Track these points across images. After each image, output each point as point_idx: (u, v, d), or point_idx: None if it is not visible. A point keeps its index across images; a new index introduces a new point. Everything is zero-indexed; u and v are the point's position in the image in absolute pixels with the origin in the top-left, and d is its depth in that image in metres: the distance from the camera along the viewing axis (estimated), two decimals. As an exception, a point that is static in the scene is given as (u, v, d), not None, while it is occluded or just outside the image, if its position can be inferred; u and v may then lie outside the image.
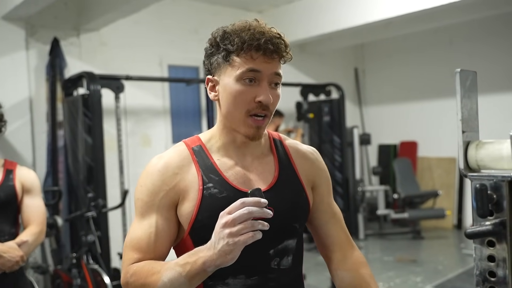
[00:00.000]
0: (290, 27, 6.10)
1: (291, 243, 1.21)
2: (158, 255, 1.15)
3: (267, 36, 1.14)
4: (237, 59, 1.14)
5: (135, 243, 1.16)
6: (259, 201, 1.01)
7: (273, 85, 1.17)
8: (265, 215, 1.00)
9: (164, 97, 5.50)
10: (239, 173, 1.19)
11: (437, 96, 6.78)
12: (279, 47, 1.15)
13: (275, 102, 1.17)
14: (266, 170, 1.23)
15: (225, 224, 0.99)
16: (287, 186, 1.22)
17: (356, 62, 7.70)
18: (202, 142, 1.23)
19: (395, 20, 5.52)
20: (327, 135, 6.16)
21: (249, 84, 1.14)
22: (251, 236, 0.99)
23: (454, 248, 5.84)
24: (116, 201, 4.56)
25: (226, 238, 0.99)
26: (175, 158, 1.20)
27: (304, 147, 1.34)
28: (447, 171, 6.72)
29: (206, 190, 1.15)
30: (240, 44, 1.12)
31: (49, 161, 4.52)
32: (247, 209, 0.99)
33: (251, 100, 1.14)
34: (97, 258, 3.68)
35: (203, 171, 1.18)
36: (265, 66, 1.13)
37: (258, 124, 1.16)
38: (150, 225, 1.16)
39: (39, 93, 4.62)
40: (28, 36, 4.57)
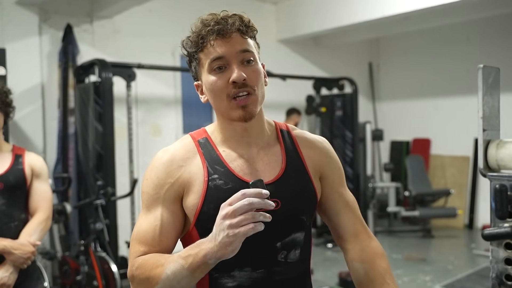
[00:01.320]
0: (305, 19, 6.05)
1: (299, 236, 1.20)
2: (164, 248, 1.16)
3: (217, 18, 1.14)
4: (202, 55, 1.16)
5: (141, 237, 1.17)
6: (261, 192, 0.99)
7: (245, 63, 1.15)
8: (267, 207, 0.99)
9: (175, 86, 5.50)
10: (244, 164, 1.19)
11: (452, 93, 6.70)
12: (233, 23, 1.14)
13: (253, 77, 1.15)
14: (272, 161, 1.22)
15: (226, 215, 0.99)
16: (294, 177, 1.21)
17: (371, 57, 7.63)
18: (208, 134, 1.24)
19: (412, 15, 5.45)
20: (339, 130, 6.12)
21: (220, 71, 1.14)
22: (251, 228, 0.98)
23: (464, 248, 5.79)
24: (125, 189, 4.58)
25: (226, 230, 0.98)
26: (180, 151, 1.20)
27: (312, 136, 1.32)
28: (460, 170, 6.66)
29: (211, 181, 1.15)
30: (197, 40, 1.15)
31: (59, 148, 4.55)
32: (248, 200, 0.98)
33: (226, 84, 1.14)
34: (105, 246, 3.71)
35: (208, 163, 1.18)
36: (226, 49, 1.13)
37: (241, 103, 1.14)
38: (156, 218, 1.17)
39: (51, 79, 4.64)
40: (42, 22, 4.58)
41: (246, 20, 1.17)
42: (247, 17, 1.18)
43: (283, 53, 6.43)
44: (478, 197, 6.49)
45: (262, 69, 1.19)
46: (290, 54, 6.54)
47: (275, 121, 1.31)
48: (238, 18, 1.16)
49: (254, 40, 1.21)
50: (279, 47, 6.43)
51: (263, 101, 1.20)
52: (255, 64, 1.17)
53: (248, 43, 1.17)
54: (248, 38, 1.17)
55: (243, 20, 1.16)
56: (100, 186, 3.80)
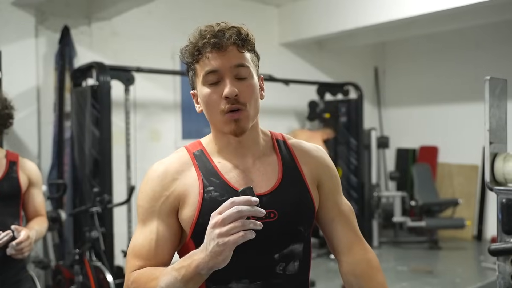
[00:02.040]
0: (309, 23, 6.07)
1: (297, 247, 1.21)
2: (160, 261, 1.18)
3: (214, 30, 1.16)
4: (198, 66, 1.20)
5: (137, 250, 1.19)
6: (250, 199, 1.01)
7: (240, 78, 1.17)
8: (257, 214, 1.01)
9: (175, 91, 5.52)
10: (240, 175, 1.21)
11: (460, 100, 6.71)
12: (229, 36, 1.15)
13: (246, 93, 1.17)
14: (269, 171, 1.23)
15: (215, 224, 1.01)
16: (291, 187, 1.23)
17: (377, 62, 7.65)
18: (203, 146, 1.27)
19: (419, 19, 5.46)
20: (343, 137, 6.13)
21: (214, 85, 1.17)
22: (241, 236, 0.99)
23: (473, 261, 5.78)
24: (122, 197, 4.59)
25: (216, 239, 1.00)
26: (175, 163, 1.23)
27: (308, 145, 1.34)
28: (469, 179, 6.65)
29: (206, 193, 1.17)
30: (193, 51, 1.18)
31: (54, 153, 4.56)
32: (237, 208, 1.00)
33: (219, 98, 1.17)
34: (100, 255, 3.71)
35: (203, 175, 1.20)
36: (220, 63, 1.15)
37: (233, 117, 1.16)
38: (151, 231, 1.19)
39: (47, 83, 4.66)
40: (38, 23, 4.61)
41: (244, 33, 1.18)
42: (246, 30, 1.19)
43: (286, 57, 6.45)
44: (487, 207, 6.48)
45: (257, 84, 1.21)
46: (293, 58, 6.56)
47: (271, 131, 1.33)
48: (236, 31, 1.17)
49: (253, 52, 1.22)
50: (282, 51, 6.45)
51: (256, 116, 1.22)
52: (249, 79, 1.19)
53: (244, 57, 1.19)
54: (244, 52, 1.19)
55: (241, 33, 1.18)
56: (96, 193, 3.81)
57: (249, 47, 1.20)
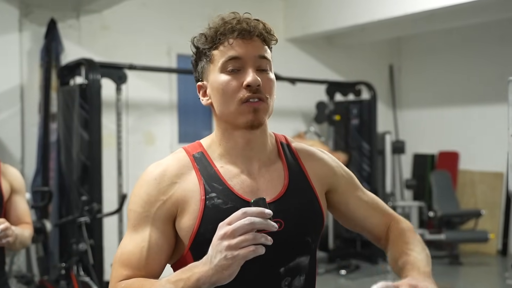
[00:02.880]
0: (317, 16, 6.08)
1: (303, 260, 1.22)
2: (149, 272, 1.17)
3: (240, 18, 1.20)
4: (216, 52, 1.20)
5: (125, 259, 1.18)
6: (263, 211, 1.01)
7: (261, 70, 1.20)
8: (269, 228, 1.01)
9: (171, 90, 5.53)
10: (245, 182, 1.21)
11: (484, 101, 6.69)
12: (256, 26, 1.20)
13: (267, 86, 1.20)
14: (274, 178, 1.24)
15: (224, 235, 1.00)
16: (298, 195, 1.23)
17: (392, 59, 7.64)
18: (204, 149, 1.26)
19: (438, 12, 5.46)
20: (355, 141, 6.12)
21: (234, 73, 1.19)
22: (252, 251, 0.99)
23: (496, 277, 5.76)
24: (113, 206, 4.59)
25: (224, 251, 1.00)
26: (174, 165, 1.22)
27: (311, 148, 1.37)
28: (492, 187, 6.63)
29: (208, 200, 1.16)
30: (215, 36, 1.20)
31: (39, 158, 4.56)
32: (249, 220, 1.00)
33: (239, 86, 1.18)
34: (88, 269, 3.71)
35: (205, 180, 1.19)
36: (245, 50, 1.18)
37: (253, 106, 1.17)
38: (143, 239, 1.17)
39: (31, 81, 4.67)
40: (22, 17, 4.63)
41: (268, 27, 1.23)
42: (270, 26, 1.24)
43: (292, 54, 6.46)
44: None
45: (275, 82, 1.24)
46: (300, 55, 6.56)
47: (274, 133, 1.34)
48: (262, 23, 1.22)
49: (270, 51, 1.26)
50: (288, 46, 6.46)
51: (271, 114, 1.24)
52: (270, 73, 1.22)
53: (267, 51, 1.23)
54: (267, 46, 1.23)
55: (266, 27, 1.22)
56: (84, 202, 3.81)
57: (271, 42, 1.24)
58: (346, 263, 5.60)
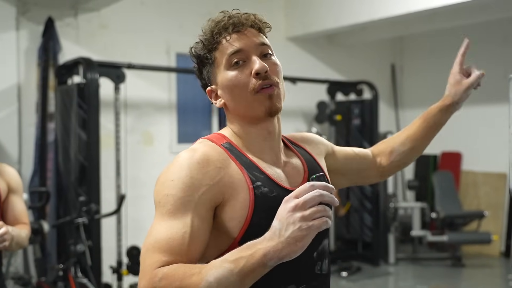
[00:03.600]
0: (318, 15, 6.08)
1: (326, 243, 1.28)
2: (191, 259, 1.09)
3: (230, 14, 1.24)
4: (217, 54, 1.23)
5: (164, 244, 1.08)
6: (328, 185, 1.03)
7: (264, 56, 1.23)
8: (334, 202, 1.03)
9: (170, 90, 5.53)
10: (277, 171, 1.24)
11: (487, 100, 6.69)
12: (248, 18, 1.24)
13: (275, 70, 1.23)
14: (296, 165, 1.30)
15: (295, 207, 1.00)
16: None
17: (394, 58, 7.65)
18: (229, 139, 1.24)
19: (441, 11, 5.46)
20: (356, 141, 6.12)
21: (239, 66, 1.21)
22: (325, 221, 1.00)
23: (500, 279, 5.75)
24: (111, 206, 4.59)
25: (298, 223, 0.99)
26: (212, 152, 1.18)
27: (303, 134, 1.47)
28: (496, 188, 6.63)
29: (256, 189, 1.16)
30: (211, 37, 1.23)
31: (36, 158, 4.57)
32: (319, 191, 1.01)
33: (248, 76, 1.20)
34: (86, 271, 3.71)
35: (246, 169, 1.18)
36: (244, 41, 1.22)
37: (268, 92, 1.20)
38: (185, 224, 1.10)
39: (29, 80, 4.67)
40: (19, 15, 4.63)
41: (259, 17, 1.27)
42: (260, 15, 1.28)
43: (292, 53, 6.46)
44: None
45: (278, 61, 1.27)
46: (301, 54, 6.57)
47: None
48: (252, 14, 1.26)
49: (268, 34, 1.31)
50: (289, 45, 6.46)
51: (284, 99, 1.27)
52: (273, 58, 1.25)
53: (265, 38, 1.27)
54: (264, 34, 1.27)
55: (257, 17, 1.26)
56: (82, 203, 3.81)
57: (266, 29, 1.28)
58: (347, 265, 5.60)
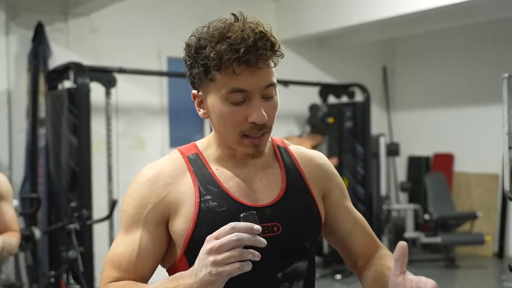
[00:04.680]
0: (309, 18, 6.09)
1: (301, 265, 1.22)
2: (139, 275, 1.18)
3: (248, 44, 1.09)
4: (218, 76, 1.12)
5: (116, 260, 1.19)
6: (252, 227, 1.01)
7: (267, 98, 1.16)
8: (257, 244, 1.01)
9: (162, 94, 5.52)
10: (241, 185, 1.21)
11: (479, 102, 6.73)
12: (263, 53, 1.11)
13: (271, 114, 1.17)
14: (272, 181, 1.24)
15: (210, 250, 1.01)
16: (296, 198, 1.23)
17: (385, 60, 7.67)
18: (199, 150, 1.26)
19: (432, 13, 5.49)
20: (348, 144, 6.13)
21: (238, 105, 1.14)
22: (237, 268, 1.00)
23: (493, 280, 5.77)
24: (103, 212, 4.57)
25: (209, 267, 1.00)
26: (168, 167, 1.22)
27: (310, 151, 1.36)
28: (488, 189, 6.66)
29: (203, 203, 1.16)
30: (217, 60, 1.09)
31: (27, 164, 4.55)
32: (237, 236, 1.00)
33: (243, 121, 1.14)
34: (78, 277, 3.69)
35: (200, 182, 1.19)
36: (251, 82, 1.12)
37: (255, 143, 1.17)
38: (134, 241, 1.18)
39: (19, 85, 4.65)
40: (9, 20, 4.61)
41: (275, 42, 1.15)
42: (275, 38, 1.15)
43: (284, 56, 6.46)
44: (509, 221, 6.49)
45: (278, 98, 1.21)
46: (293, 57, 6.57)
47: (271, 137, 1.32)
48: (270, 43, 1.13)
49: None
50: (280, 49, 6.46)
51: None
52: (274, 97, 1.19)
53: (273, 72, 1.17)
54: (275, 66, 1.18)
55: (274, 44, 1.14)
56: (74, 208, 3.79)
57: (279, 57, 1.18)
58: (341, 268, 5.60)
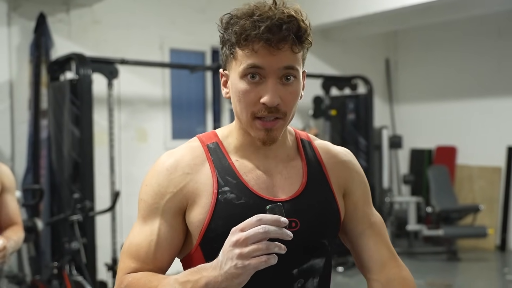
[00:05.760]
0: (312, 9, 6.06)
1: (318, 262, 1.20)
2: (158, 266, 1.16)
3: (271, 22, 1.07)
4: (240, 52, 1.12)
5: (134, 251, 1.17)
6: (279, 219, 1.00)
7: (285, 80, 1.13)
8: (284, 237, 1.00)
9: (164, 85, 5.51)
10: (260, 178, 1.19)
11: (482, 94, 6.71)
12: (286, 34, 1.08)
13: (288, 100, 1.13)
14: (292, 176, 1.22)
15: (236, 242, 0.99)
16: (316, 194, 1.21)
17: (388, 53, 7.65)
18: (219, 139, 1.23)
19: (435, 5, 5.46)
20: (351, 136, 6.12)
21: (253, 81, 1.12)
22: (264, 261, 0.99)
23: (496, 273, 5.78)
24: (106, 203, 4.58)
25: (235, 260, 0.99)
26: (187, 156, 1.20)
27: (336, 148, 1.33)
28: (491, 182, 6.66)
29: (221, 194, 1.15)
30: (239, 35, 1.09)
31: (30, 155, 4.55)
32: (263, 228, 0.99)
33: (256, 100, 1.12)
34: (81, 268, 3.70)
35: (218, 173, 1.17)
36: (269, 60, 1.10)
37: (266, 126, 1.14)
38: (152, 231, 1.17)
39: (21, 76, 4.65)
40: (11, 11, 4.60)
41: (304, 28, 1.12)
42: (306, 23, 1.13)
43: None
44: (511, 214, 6.49)
45: (301, 87, 1.18)
46: (296, 49, 6.56)
47: (294, 129, 1.31)
48: (296, 25, 1.10)
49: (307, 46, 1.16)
50: (283, 40, 6.45)
51: (291, 121, 1.20)
52: (295, 82, 1.14)
53: (297, 58, 1.13)
54: (299, 52, 1.13)
55: (300, 29, 1.11)
56: (76, 200, 3.80)
57: (305, 45, 1.14)
58: (344, 260, 5.61)
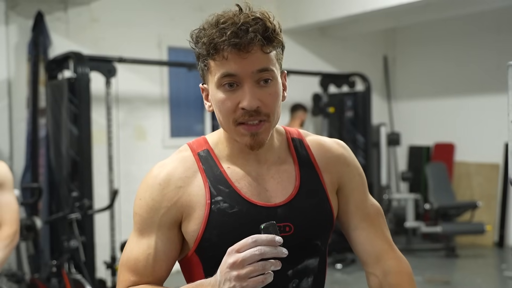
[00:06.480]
0: (310, 7, 6.07)
1: (312, 262, 1.22)
2: (156, 278, 1.19)
3: (237, 27, 1.07)
4: (212, 63, 1.12)
5: (132, 264, 1.19)
6: (273, 239, 1.01)
7: (262, 83, 1.12)
8: (279, 255, 1.02)
9: (162, 83, 5.51)
10: (253, 184, 1.19)
11: (480, 91, 6.72)
12: (253, 36, 1.07)
13: (269, 101, 1.13)
14: (285, 179, 1.22)
15: (233, 264, 1.01)
16: (309, 197, 1.22)
17: (386, 50, 7.65)
18: (210, 146, 1.23)
19: (434, 2, 5.46)
20: (349, 133, 6.13)
21: (230, 89, 1.12)
22: (261, 281, 1.00)
23: (493, 269, 5.79)
24: (104, 202, 4.58)
25: (233, 281, 1.00)
26: (179, 168, 1.20)
27: (328, 141, 1.31)
28: (489, 179, 6.67)
29: (214, 204, 1.15)
30: (208, 45, 1.09)
31: (28, 154, 4.55)
32: (259, 250, 1.00)
33: (235, 107, 1.12)
34: (80, 267, 3.70)
35: (210, 182, 1.18)
36: (241, 65, 1.09)
37: (251, 130, 1.13)
38: (149, 245, 1.18)
39: (19, 75, 4.64)
40: (8, 9, 4.59)
41: (271, 28, 1.12)
42: (273, 23, 1.13)
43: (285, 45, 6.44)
44: (509, 211, 6.50)
45: (281, 88, 1.17)
46: (294, 46, 6.55)
47: (285, 128, 1.30)
48: (262, 26, 1.10)
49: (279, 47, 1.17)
50: (281, 38, 6.44)
51: (277, 123, 1.20)
52: (273, 83, 1.14)
53: (270, 58, 1.13)
54: (270, 52, 1.13)
55: (267, 29, 1.11)
56: (75, 198, 3.80)
57: (275, 44, 1.14)
58: (342, 257, 5.62)
